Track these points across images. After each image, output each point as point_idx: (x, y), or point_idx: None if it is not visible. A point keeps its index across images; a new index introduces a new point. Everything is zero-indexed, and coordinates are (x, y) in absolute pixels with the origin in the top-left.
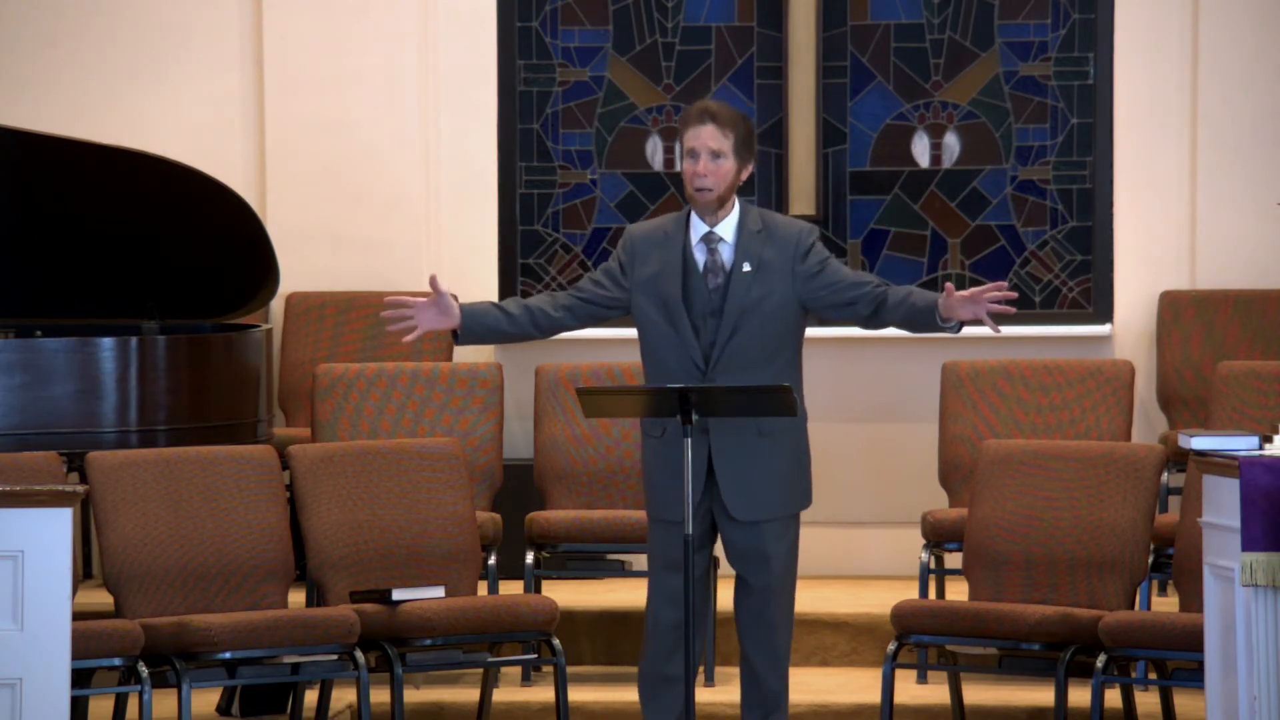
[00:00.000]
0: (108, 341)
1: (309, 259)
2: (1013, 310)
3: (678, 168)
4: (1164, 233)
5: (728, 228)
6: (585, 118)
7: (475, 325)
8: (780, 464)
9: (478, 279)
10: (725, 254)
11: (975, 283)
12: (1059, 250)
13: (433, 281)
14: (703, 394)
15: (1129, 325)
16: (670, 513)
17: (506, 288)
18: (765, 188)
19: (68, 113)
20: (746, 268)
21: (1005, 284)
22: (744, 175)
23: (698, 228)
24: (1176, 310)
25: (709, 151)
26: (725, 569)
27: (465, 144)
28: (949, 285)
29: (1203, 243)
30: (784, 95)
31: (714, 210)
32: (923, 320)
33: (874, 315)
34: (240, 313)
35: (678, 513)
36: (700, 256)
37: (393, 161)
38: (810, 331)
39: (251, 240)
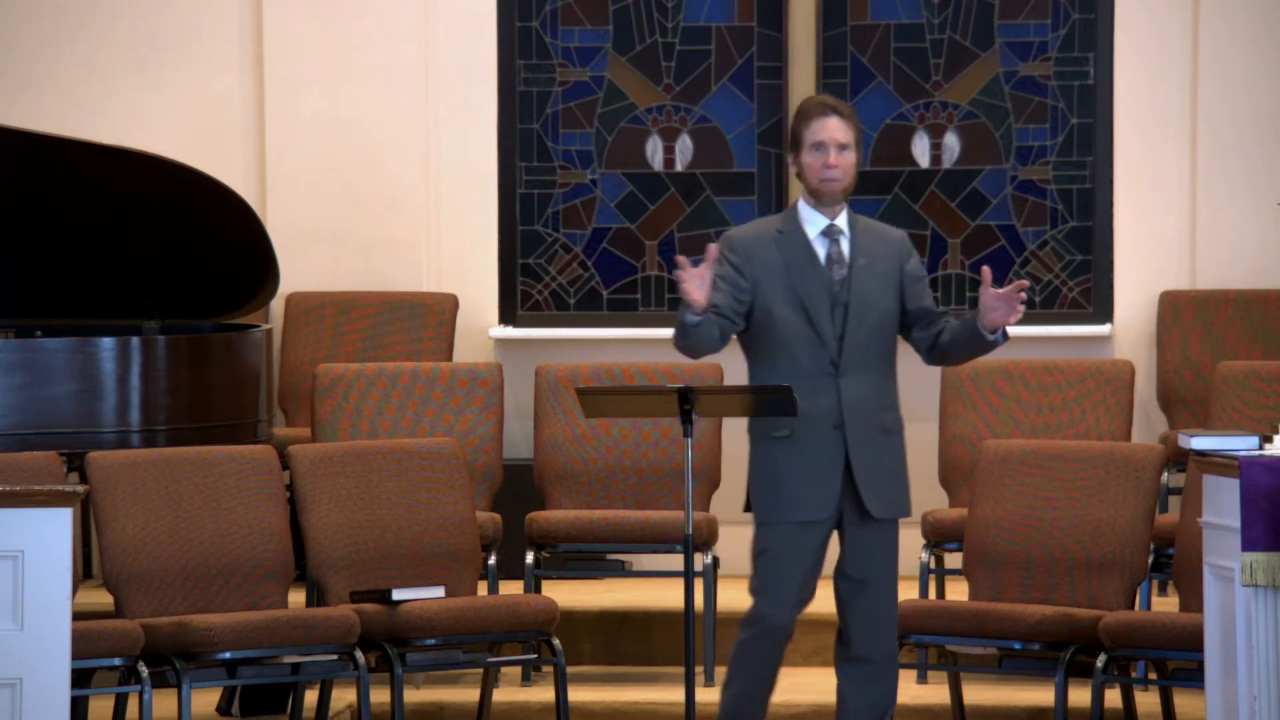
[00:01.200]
0: (108, 341)
1: (309, 259)
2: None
3: (678, 167)
4: (1164, 233)
5: (843, 221)
6: (585, 118)
7: (708, 318)
8: (902, 464)
9: (478, 279)
10: (845, 246)
11: (975, 283)
12: (1059, 250)
13: (709, 252)
14: (703, 394)
15: (1129, 325)
16: (809, 513)
17: (506, 288)
18: (765, 188)
19: (67, 112)
20: (863, 261)
21: (1025, 283)
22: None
23: (815, 221)
24: (1176, 310)
25: (836, 144)
26: (726, 569)
27: (465, 144)
28: (985, 283)
29: (1203, 243)
30: (784, 95)
31: (839, 201)
32: (974, 340)
33: (934, 347)
34: (240, 313)
35: (816, 512)
36: (822, 249)
37: (393, 161)
38: None
39: (251, 240)
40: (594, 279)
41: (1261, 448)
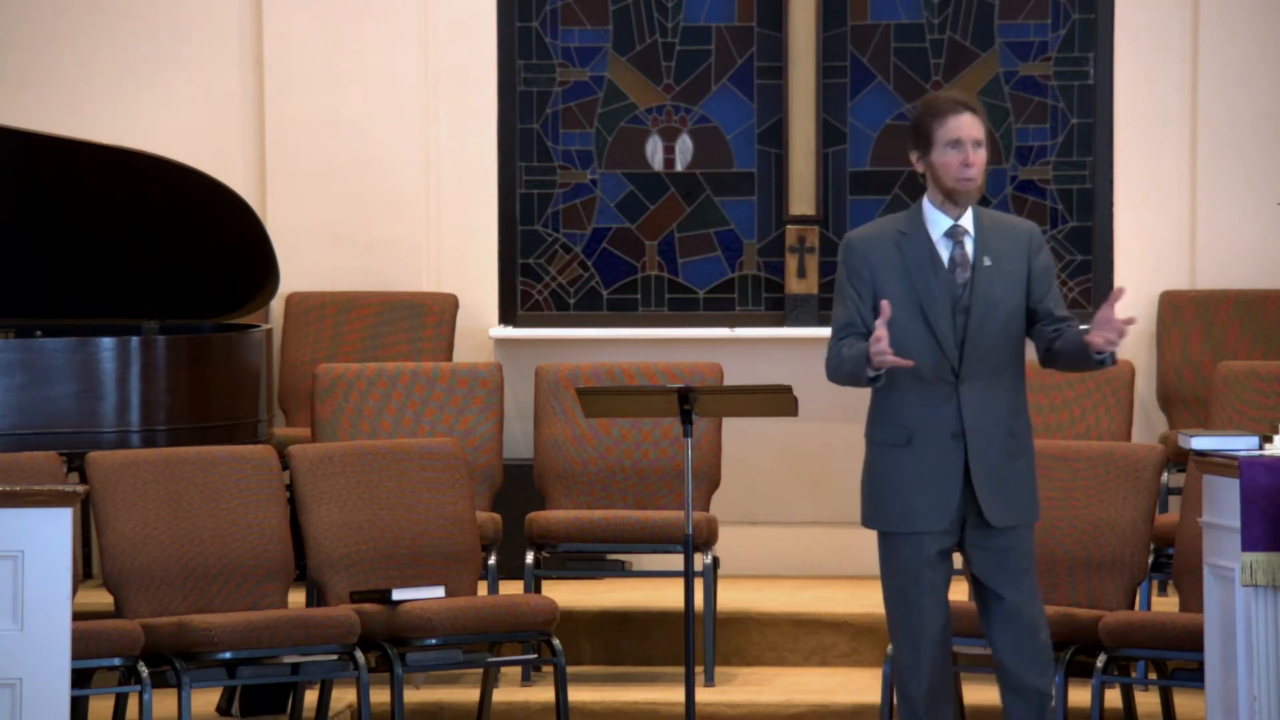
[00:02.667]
0: (108, 341)
1: (309, 259)
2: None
3: (678, 167)
4: (1164, 233)
5: (968, 220)
6: (585, 118)
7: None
8: (1030, 467)
9: (478, 279)
10: (969, 247)
11: None
12: (1059, 250)
13: (883, 310)
14: (703, 394)
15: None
16: (925, 523)
17: (506, 288)
18: (765, 188)
19: (67, 112)
20: (988, 262)
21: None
22: None
23: (939, 222)
24: (1176, 310)
25: (973, 141)
26: (726, 569)
27: (465, 144)
28: (1110, 301)
29: (1203, 243)
30: (784, 95)
31: (975, 200)
32: (1083, 355)
33: (1049, 349)
34: (240, 313)
35: (933, 523)
36: (945, 251)
37: (393, 161)
38: (808, 331)
39: (251, 240)
40: (594, 279)
41: (1261, 448)
